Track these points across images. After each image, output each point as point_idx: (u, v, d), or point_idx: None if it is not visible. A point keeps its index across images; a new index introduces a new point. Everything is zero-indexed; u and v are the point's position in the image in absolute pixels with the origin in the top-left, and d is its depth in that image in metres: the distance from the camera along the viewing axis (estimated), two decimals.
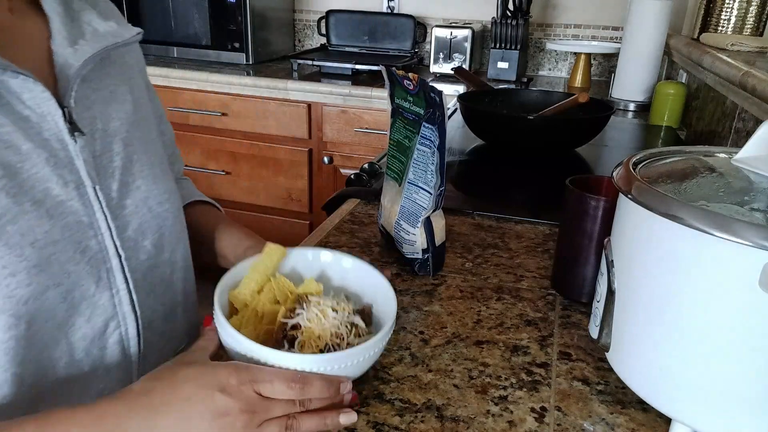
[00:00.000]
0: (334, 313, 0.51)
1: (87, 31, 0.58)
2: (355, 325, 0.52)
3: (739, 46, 1.36)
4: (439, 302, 0.69)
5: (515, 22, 2.13)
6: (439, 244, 0.74)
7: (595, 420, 0.51)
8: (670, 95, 1.56)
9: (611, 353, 0.52)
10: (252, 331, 0.51)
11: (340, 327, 0.51)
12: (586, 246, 0.66)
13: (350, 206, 0.96)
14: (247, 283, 0.54)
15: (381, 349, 0.50)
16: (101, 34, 0.59)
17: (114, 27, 0.61)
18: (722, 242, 0.39)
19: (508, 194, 1.10)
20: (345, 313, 0.52)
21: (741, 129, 1.15)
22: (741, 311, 0.40)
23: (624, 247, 0.49)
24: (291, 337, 0.50)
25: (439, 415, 0.51)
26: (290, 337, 0.50)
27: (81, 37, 0.57)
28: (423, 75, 1.50)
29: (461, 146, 1.32)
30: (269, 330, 0.52)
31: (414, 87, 0.70)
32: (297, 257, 0.59)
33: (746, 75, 1.06)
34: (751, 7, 1.56)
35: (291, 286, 0.55)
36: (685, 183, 0.47)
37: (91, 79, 0.58)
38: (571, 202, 0.67)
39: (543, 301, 0.70)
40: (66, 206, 0.52)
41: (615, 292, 0.50)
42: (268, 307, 0.53)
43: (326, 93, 2.04)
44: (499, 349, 0.61)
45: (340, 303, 0.53)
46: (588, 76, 2.18)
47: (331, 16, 2.49)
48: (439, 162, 0.68)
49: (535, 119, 1.21)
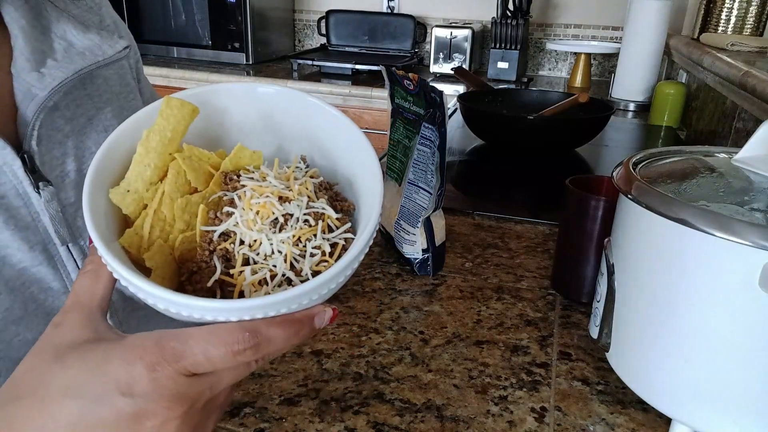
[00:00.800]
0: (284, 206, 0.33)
1: (59, 48, 0.47)
2: (322, 215, 0.34)
3: (739, 46, 1.36)
4: (439, 302, 0.69)
5: (515, 22, 2.13)
6: (439, 244, 0.74)
7: (595, 420, 0.51)
8: (670, 95, 1.56)
9: (611, 353, 0.52)
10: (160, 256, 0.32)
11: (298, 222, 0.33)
12: (586, 246, 0.66)
13: None
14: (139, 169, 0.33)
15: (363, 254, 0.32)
16: (78, 51, 0.47)
17: (95, 41, 0.49)
18: (722, 242, 0.39)
19: (508, 194, 1.10)
20: (303, 198, 0.34)
21: (741, 129, 1.15)
22: (741, 311, 0.40)
23: (624, 247, 0.49)
24: (223, 254, 0.32)
25: (439, 415, 0.51)
26: (221, 253, 0.32)
27: (50, 56, 0.46)
28: (423, 75, 1.49)
29: (461, 146, 1.32)
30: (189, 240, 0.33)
31: (414, 87, 0.70)
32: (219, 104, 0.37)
33: (746, 75, 1.06)
34: (751, 7, 1.56)
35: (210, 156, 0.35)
36: (685, 183, 0.47)
37: (64, 106, 0.47)
38: (571, 202, 0.67)
39: (543, 301, 0.70)
40: (29, 274, 0.43)
41: (615, 292, 0.50)
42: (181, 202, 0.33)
43: (326, 93, 2.04)
44: (499, 349, 0.61)
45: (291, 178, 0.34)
46: (588, 76, 2.18)
47: (331, 16, 2.49)
48: (439, 162, 0.68)
49: (535, 119, 1.21)
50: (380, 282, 0.73)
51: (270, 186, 0.33)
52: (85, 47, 0.48)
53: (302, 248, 0.32)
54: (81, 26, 0.49)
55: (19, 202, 0.43)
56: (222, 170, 0.35)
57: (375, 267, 0.76)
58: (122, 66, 0.56)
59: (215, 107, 0.37)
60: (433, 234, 0.72)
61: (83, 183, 0.36)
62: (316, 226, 0.33)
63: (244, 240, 0.32)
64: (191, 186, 0.34)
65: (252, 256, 0.32)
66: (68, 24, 0.49)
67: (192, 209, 0.33)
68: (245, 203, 0.33)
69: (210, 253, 0.32)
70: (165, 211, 0.33)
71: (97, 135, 0.50)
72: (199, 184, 0.34)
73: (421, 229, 0.72)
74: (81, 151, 0.48)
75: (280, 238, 0.32)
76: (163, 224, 0.33)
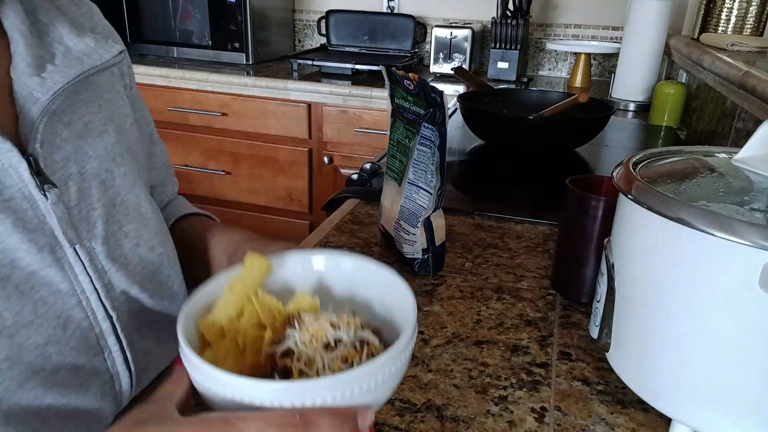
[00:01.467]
0: (335, 331, 0.40)
1: (57, 51, 0.47)
2: (367, 342, 0.40)
3: (739, 46, 1.36)
4: (439, 302, 0.69)
5: (515, 22, 2.13)
6: (439, 244, 0.74)
7: (595, 420, 0.51)
8: (670, 95, 1.56)
9: (611, 353, 0.52)
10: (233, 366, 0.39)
11: (346, 346, 0.39)
12: (586, 246, 0.66)
13: (350, 206, 0.96)
14: (222, 306, 0.42)
15: (406, 361, 0.39)
16: (75, 56, 0.48)
17: (90, 45, 0.50)
18: (722, 242, 0.39)
19: (508, 194, 1.10)
20: (351, 328, 0.41)
21: (741, 129, 1.15)
22: (741, 311, 0.40)
23: (624, 247, 0.49)
24: (283, 368, 0.39)
25: (439, 415, 0.51)
26: (282, 367, 0.39)
27: (50, 60, 0.46)
28: (423, 75, 1.50)
29: (461, 146, 1.32)
30: (254, 364, 0.40)
31: (414, 87, 0.70)
32: (286, 267, 0.47)
33: (746, 75, 1.06)
34: (751, 7, 1.56)
35: (278, 305, 0.43)
36: (685, 183, 0.47)
37: (61, 110, 0.48)
38: (571, 202, 0.67)
39: (543, 301, 0.70)
40: (39, 277, 0.43)
41: (615, 292, 0.50)
42: (251, 335, 0.41)
43: (326, 93, 2.04)
44: (499, 349, 0.61)
45: (343, 317, 0.42)
46: (588, 76, 2.18)
47: (331, 16, 2.49)
48: (439, 162, 0.68)
49: (535, 119, 1.21)
50: None
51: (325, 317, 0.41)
52: (82, 51, 0.49)
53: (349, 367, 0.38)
54: (76, 30, 0.50)
55: (26, 205, 0.43)
56: (287, 312, 0.43)
57: None
58: (112, 72, 0.57)
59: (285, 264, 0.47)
60: (433, 234, 0.72)
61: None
62: (362, 351, 0.39)
63: (301, 357, 0.39)
64: (262, 323, 0.42)
65: (306, 371, 0.38)
66: (64, 27, 0.49)
67: (260, 343, 0.40)
68: (303, 328, 0.40)
69: (272, 369, 0.39)
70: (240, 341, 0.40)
71: (93, 140, 0.50)
72: (269, 323, 0.42)
73: (421, 229, 0.72)
74: (80, 155, 0.49)
75: (331, 357, 0.38)
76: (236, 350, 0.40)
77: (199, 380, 0.36)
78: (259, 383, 0.34)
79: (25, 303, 0.42)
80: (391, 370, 0.37)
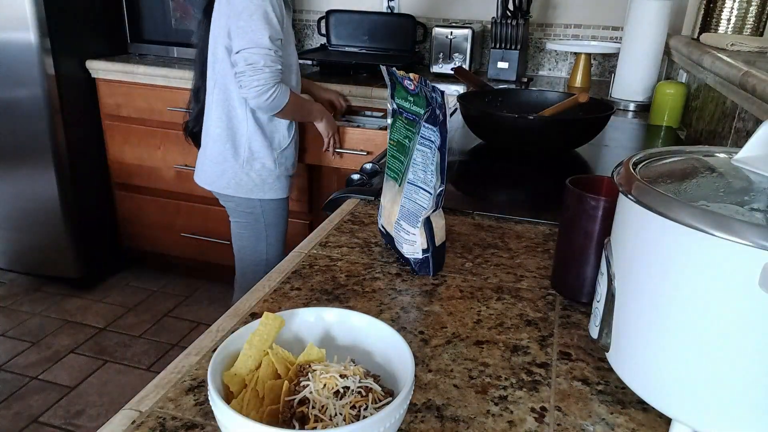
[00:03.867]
0: (343, 380, 0.46)
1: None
2: (370, 389, 0.47)
3: (739, 46, 1.36)
4: (439, 302, 0.69)
5: (515, 22, 2.13)
6: (439, 244, 0.74)
7: (595, 420, 0.51)
8: (670, 95, 1.56)
9: (611, 353, 0.52)
10: (255, 414, 0.46)
11: (354, 393, 0.46)
12: (586, 246, 0.66)
13: (350, 206, 0.96)
14: (243, 360, 0.49)
15: (405, 408, 0.45)
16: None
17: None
18: (722, 242, 0.39)
19: (508, 194, 1.10)
20: (356, 377, 0.47)
21: (741, 129, 1.15)
22: (741, 311, 0.40)
23: (624, 247, 0.49)
24: (300, 415, 0.45)
25: (439, 415, 0.51)
26: (299, 415, 0.45)
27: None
28: (423, 75, 1.50)
29: (461, 146, 1.32)
30: (273, 411, 0.46)
31: (414, 87, 0.70)
32: (297, 320, 0.54)
33: (746, 75, 1.06)
34: (751, 7, 1.56)
35: (289, 356, 0.50)
36: (685, 183, 0.47)
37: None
38: (571, 202, 0.67)
39: (543, 301, 0.70)
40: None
41: (615, 292, 0.50)
42: (269, 384, 0.48)
43: None
44: (499, 349, 0.61)
45: (348, 367, 0.48)
46: (588, 76, 2.18)
47: (331, 16, 2.49)
48: (439, 162, 0.68)
49: (535, 119, 1.21)
50: (380, 282, 0.73)
51: (333, 367, 0.48)
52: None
53: (357, 412, 0.45)
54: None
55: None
56: (298, 362, 0.49)
57: (375, 267, 0.76)
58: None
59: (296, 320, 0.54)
60: (433, 234, 0.72)
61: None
62: (367, 397, 0.46)
63: (316, 405, 0.45)
64: (277, 373, 0.49)
65: (321, 417, 0.44)
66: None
67: (277, 391, 0.47)
68: (316, 379, 0.46)
69: (291, 416, 0.45)
70: (259, 390, 0.47)
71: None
72: (283, 372, 0.48)
73: (421, 229, 0.72)
74: None
75: (341, 404, 0.45)
76: (257, 399, 0.47)
77: (230, 428, 0.42)
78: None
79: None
80: (396, 417, 0.43)
